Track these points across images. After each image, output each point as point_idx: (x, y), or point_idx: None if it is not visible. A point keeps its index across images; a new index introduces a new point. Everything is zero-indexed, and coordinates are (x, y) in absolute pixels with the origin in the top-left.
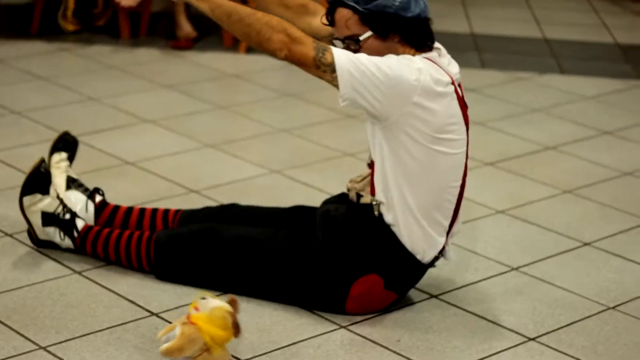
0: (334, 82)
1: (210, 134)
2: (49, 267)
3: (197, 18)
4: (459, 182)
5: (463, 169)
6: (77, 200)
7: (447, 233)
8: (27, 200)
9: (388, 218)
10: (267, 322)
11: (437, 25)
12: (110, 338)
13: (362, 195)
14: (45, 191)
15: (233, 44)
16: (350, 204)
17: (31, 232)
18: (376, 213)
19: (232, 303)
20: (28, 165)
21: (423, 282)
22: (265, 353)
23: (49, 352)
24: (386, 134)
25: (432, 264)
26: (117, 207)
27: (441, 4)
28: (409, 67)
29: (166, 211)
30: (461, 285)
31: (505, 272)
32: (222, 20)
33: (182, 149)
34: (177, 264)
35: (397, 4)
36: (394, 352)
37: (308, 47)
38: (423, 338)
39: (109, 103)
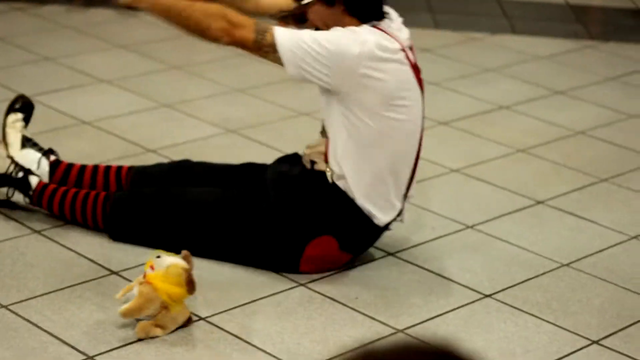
0: (278, 62)
1: (166, 93)
2: (8, 227)
3: None
4: (415, 148)
5: (418, 134)
6: (31, 159)
7: (404, 197)
8: None
9: (342, 185)
10: (226, 280)
11: None
12: (71, 296)
13: (315, 162)
14: None
15: None
16: (303, 169)
17: None
18: (330, 181)
19: (186, 258)
20: None
21: (380, 241)
22: (225, 310)
23: (10, 310)
24: (340, 106)
25: (387, 226)
26: (70, 165)
27: None
28: (353, 40)
29: (119, 168)
30: (417, 243)
31: (461, 230)
32: (161, 17)
33: (138, 108)
34: (132, 226)
35: None
36: (352, 308)
37: (248, 30)
38: (381, 295)
39: (65, 63)
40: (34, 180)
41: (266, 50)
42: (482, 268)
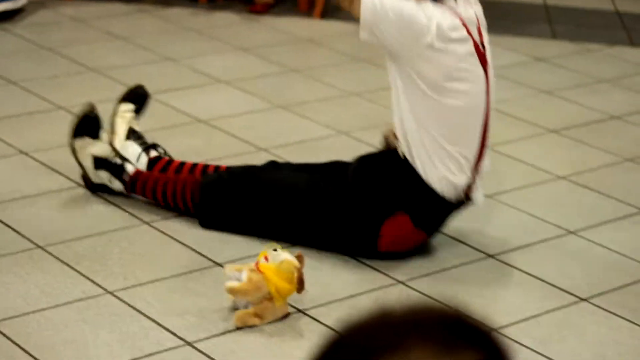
0: (352, 10)
1: (282, 95)
2: (120, 217)
3: None
4: (480, 124)
5: (482, 110)
6: (131, 152)
7: (473, 173)
8: (77, 143)
9: (410, 157)
10: (326, 275)
11: None
12: (175, 285)
13: (389, 139)
14: (95, 135)
15: (308, 9)
16: (379, 152)
17: (85, 177)
18: (401, 155)
19: (299, 258)
20: (106, 122)
21: (480, 242)
22: (324, 304)
23: (115, 296)
24: (402, 74)
25: (459, 205)
26: (170, 161)
27: None
28: (422, 12)
29: (217, 167)
30: (518, 246)
31: (562, 236)
32: None
33: (253, 108)
34: (219, 205)
35: None
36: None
37: None
38: (478, 294)
39: (185, 64)
40: (130, 168)
41: None
42: (581, 273)
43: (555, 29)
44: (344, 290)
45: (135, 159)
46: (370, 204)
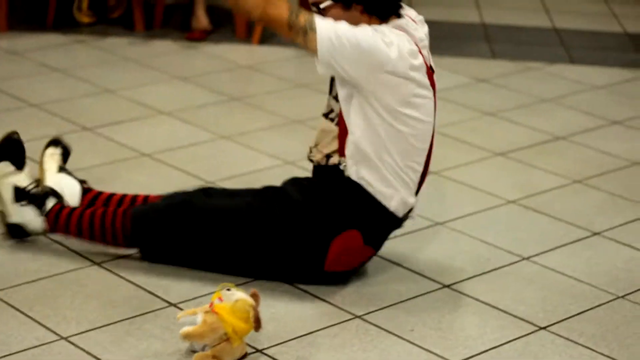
0: (307, 45)
1: (225, 125)
2: (69, 259)
3: (211, 9)
4: (427, 145)
5: (431, 132)
6: (68, 182)
7: (416, 193)
8: None
9: (360, 176)
10: (281, 311)
11: (448, 16)
12: (131, 328)
13: (331, 156)
14: (20, 166)
15: (246, 36)
16: (316, 168)
17: (2, 220)
18: (346, 174)
19: (254, 297)
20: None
21: (434, 272)
22: (281, 343)
23: (70, 342)
24: (360, 99)
25: (403, 220)
26: (100, 192)
27: None
28: (381, 39)
29: (146, 197)
30: (473, 275)
31: (516, 262)
32: None
33: (197, 140)
34: (155, 236)
35: None
36: (408, 341)
37: (283, 9)
38: (436, 327)
39: (125, 95)
40: (50, 203)
41: (296, 31)
42: (537, 300)
43: (494, 48)
44: (301, 327)
45: (70, 187)
46: (321, 222)
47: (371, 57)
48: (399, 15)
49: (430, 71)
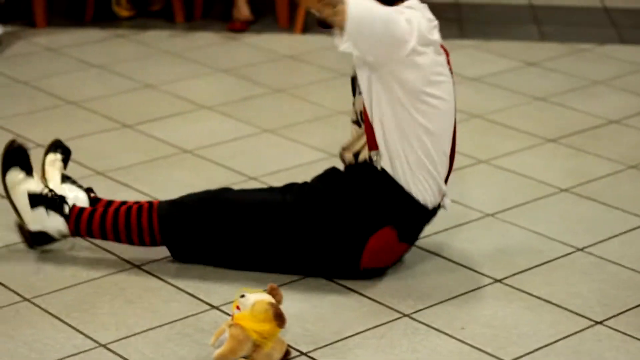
0: (335, 18)
1: (268, 118)
2: (108, 262)
3: (253, 0)
4: (452, 126)
5: (454, 113)
6: (74, 195)
7: (445, 181)
8: (10, 178)
9: (391, 169)
10: (327, 311)
11: None
12: (171, 333)
13: (359, 153)
14: (28, 171)
15: (289, 25)
16: (347, 167)
17: (21, 227)
18: (379, 167)
19: (273, 291)
20: (84, 158)
21: (485, 265)
22: (328, 344)
23: (109, 349)
24: (382, 82)
25: (435, 212)
26: (111, 201)
27: None
28: (402, 14)
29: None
30: (525, 268)
31: (571, 253)
32: None
33: (240, 135)
34: (184, 233)
35: None
36: (459, 340)
37: None
38: (488, 325)
39: (166, 90)
40: (67, 208)
41: (326, 2)
42: (593, 293)
43: (543, 30)
44: (349, 328)
45: (76, 199)
46: (357, 221)
47: (395, 31)
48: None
49: (445, 50)
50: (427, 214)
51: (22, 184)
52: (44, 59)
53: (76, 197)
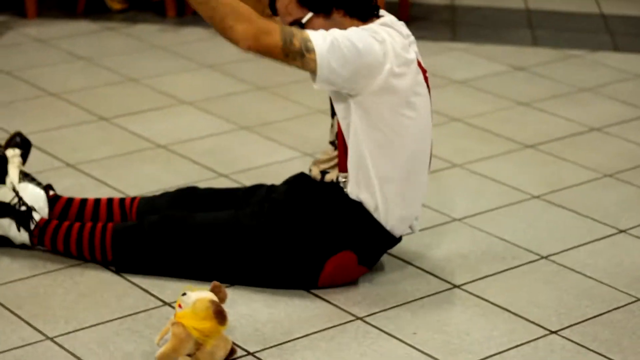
0: (304, 67)
1: (247, 115)
2: (65, 255)
3: None
4: (428, 147)
5: (430, 133)
6: (32, 191)
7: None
8: None
9: (360, 194)
10: (280, 312)
11: (491, 2)
12: (120, 328)
13: (327, 172)
14: (1, 180)
15: None
16: (313, 183)
17: None
18: (345, 190)
19: (215, 289)
20: (57, 150)
21: (446, 271)
22: (275, 345)
23: (55, 342)
24: (359, 109)
25: (401, 238)
26: (71, 199)
27: None
28: (374, 39)
29: (122, 200)
30: (486, 274)
31: (534, 261)
32: (195, 5)
33: (216, 131)
34: (139, 258)
35: None
36: (409, 345)
37: (275, 37)
38: (440, 330)
39: (148, 84)
40: (36, 216)
41: (293, 57)
42: (552, 302)
43: (536, 35)
44: (299, 329)
45: (35, 198)
46: (315, 243)
47: (369, 58)
48: (378, 14)
49: (422, 68)
50: (391, 240)
51: None
52: (31, 50)
53: (35, 194)
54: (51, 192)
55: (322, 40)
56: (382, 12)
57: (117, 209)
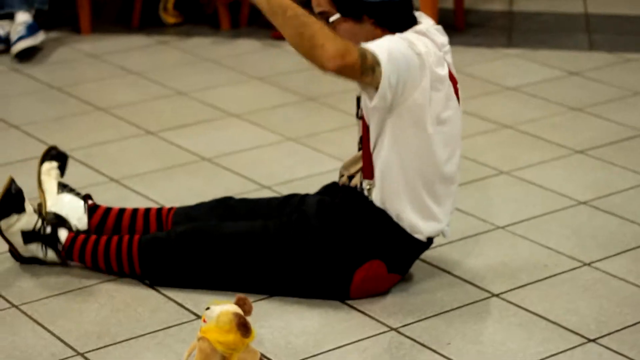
0: (373, 83)
1: (294, 127)
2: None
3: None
4: (457, 158)
5: (459, 145)
6: (70, 202)
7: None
8: (4, 223)
9: (385, 202)
10: (314, 324)
11: (551, 7)
12: (151, 343)
13: (353, 177)
14: (21, 209)
15: None
16: (343, 190)
17: (13, 251)
18: (370, 198)
19: (239, 301)
20: (101, 164)
21: (486, 279)
22: (307, 358)
23: (85, 358)
24: (392, 121)
25: (430, 242)
26: (109, 209)
27: None
28: (412, 50)
29: (159, 210)
30: (526, 282)
31: (576, 268)
32: (276, 14)
33: (262, 143)
34: (167, 269)
35: None
36: (442, 355)
37: (355, 54)
38: (475, 341)
39: (196, 97)
40: (63, 235)
41: (366, 74)
42: (592, 309)
43: (593, 39)
44: (332, 340)
45: (73, 209)
46: (343, 252)
47: (412, 72)
48: (413, 23)
49: (453, 79)
50: (420, 246)
51: (15, 224)
52: (84, 65)
53: (73, 206)
54: (90, 202)
55: (385, 53)
56: (418, 15)
57: (153, 220)
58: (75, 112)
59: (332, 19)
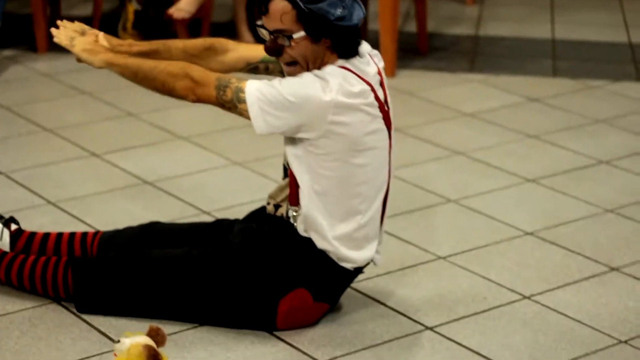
0: (242, 115)
1: (242, 151)
2: (27, 296)
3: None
4: (383, 187)
5: (386, 175)
6: None
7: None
8: None
9: (309, 231)
10: (239, 356)
11: (518, 31)
12: None
13: (280, 206)
14: None
15: None
16: (269, 218)
17: None
18: (295, 225)
19: (152, 332)
20: (41, 187)
21: (421, 312)
22: None
23: None
24: (308, 150)
25: (360, 270)
26: (33, 234)
27: (527, 7)
28: (320, 87)
29: (84, 235)
30: (463, 315)
31: (516, 301)
32: (132, 80)
33: (207, 166)
34: (96, 294)
35: (338, 13)
36: None
37: (210, 88)
38: None
39: (146, 119)
40: None
41: (228, 107)
42: (527, 345)
43: (557, 65)
44: None
45: None
46: (266, 282)
47: (309, 108)
48: (354, 55)
49: (385, 109)
50: (347, 275)
51: None
52: (37, 84)
53: None
54: (13, 227)
55: (253, 95)
56: (361, 46)
57: (77, 245)
58: (21, 132)
59: (295, 35)
